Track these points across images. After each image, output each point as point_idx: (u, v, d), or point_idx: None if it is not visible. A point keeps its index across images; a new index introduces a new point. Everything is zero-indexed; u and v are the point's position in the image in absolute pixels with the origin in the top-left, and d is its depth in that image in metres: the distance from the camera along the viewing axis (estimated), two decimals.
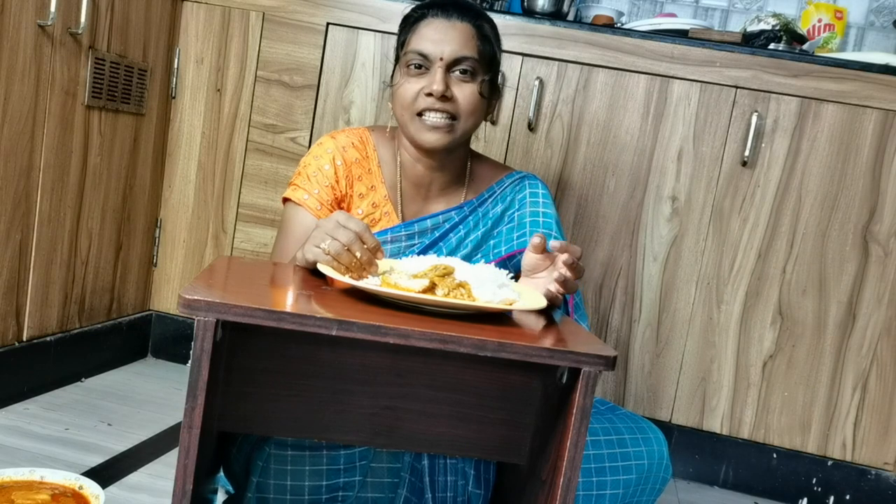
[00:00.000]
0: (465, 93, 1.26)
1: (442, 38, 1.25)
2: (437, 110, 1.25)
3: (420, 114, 1.26)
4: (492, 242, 1.32)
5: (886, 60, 1.84)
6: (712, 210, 1.89)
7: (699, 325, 1.92)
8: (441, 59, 1.24)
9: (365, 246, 0.97)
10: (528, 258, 1.09)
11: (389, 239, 1.28)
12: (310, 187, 1.30)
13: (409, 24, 1.31)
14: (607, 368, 0.81)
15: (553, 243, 1.06)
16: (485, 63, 1.28)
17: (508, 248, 1.29)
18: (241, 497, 1.12)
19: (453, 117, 1.26)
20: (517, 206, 1.35)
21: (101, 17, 1.79)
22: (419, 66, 1.26)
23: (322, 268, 0.95)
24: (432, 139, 1.26)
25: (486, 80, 1.28)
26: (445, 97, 1.24)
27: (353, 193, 1.32)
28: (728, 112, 1.87)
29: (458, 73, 1.26)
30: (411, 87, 1.26)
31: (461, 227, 1.33)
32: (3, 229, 1.60)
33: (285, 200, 1.33)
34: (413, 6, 1.33)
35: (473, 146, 1.39)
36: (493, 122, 1.38)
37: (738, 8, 2.42)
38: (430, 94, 1.24)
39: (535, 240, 1.08)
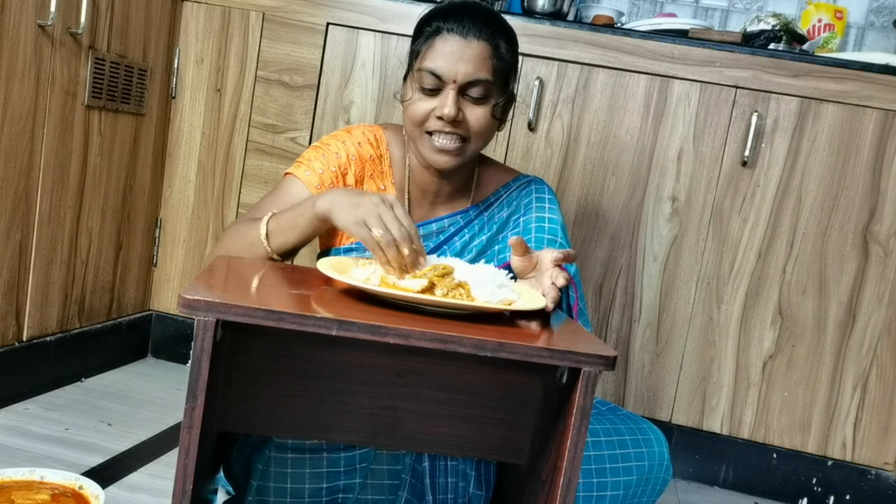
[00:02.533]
0: (476, 115, 1.22)
1: (457, 57, 1.19)
2: (447, 133, 1.21)
3: (429, 133, 1.23)
4: (496, 248, 1.31)
5: (886, 60, 1.84)
6: (712, 210, 1.89)
7: (699, 325, 1.92)
8: (454, 80, 1.19)
9: (413, 246, 0.97)
10: (513, 261, 1.10)
11: None
12: (315, 166, 1.26)
13: (424, 37, 1.24)
14: (607, 368, 0.81)
15: (556, 254, 1.06)
16: (499, 83, 1.24)
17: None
18: (241, 500, 1.12)
19: (463, 139, 1.23)
20: (523, 211, 1.34)
21: (101, 17, 1.79)
22: (432, 85, 1.21)
23: (322, 267, 0.95)
24: (441, 161, 1.23)
25: (499, 103, 1.24)
26: (457, 121, 1.21)
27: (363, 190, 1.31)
28: (728, 112, 1.87)
29: (471, 94, 1.21)
30: (423, 105, 1.22)
31: (466, 230, 1.32)
32: (3, 229, 1.60)
33: (286, 174, 1.29)
34: (429, 12, 1.27)
35: None
36: (499, 131, 1.35)
37: (738, 8, 2.42)
38: (440, 117, 1.20)
39: (512, 240, 1.07)
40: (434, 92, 1.21)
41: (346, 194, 1.06)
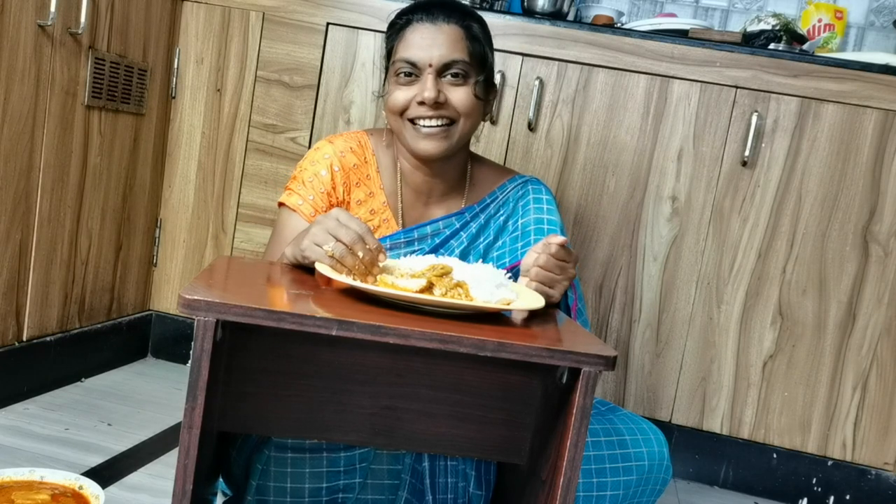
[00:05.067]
0: (459, 95, 1.23)
1: (430, 43, 1.21)
2: (431, 118, 1.21)
3: (413, 122, 1.23)
4: (495, 255, 1.30)
5: (886, 60, 1.84)
6: (712, 210, 1.89)
7: (699, 325, 1.92)
8: (430, 64, 1.21)
9: (367, 247, 0.96)
10: (528, 257, 1.10)
11: (389, 246, 1.26)
12: (305, 193, 1.27)
13: (395, 31, 1.27)
14: (607, 368, 0.81)
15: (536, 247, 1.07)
16: (477, 63, 1.25)
17: (513, 258, 1.27)
18: (240, 500, 1.12)
19: (450, 121, 1.23)
20: (520, 213, 1.33)
21: (101, 17, 1.79)
22: (409, 74, 1.22)
23: (321, 268, 0.95)
24: (430, 147, 1.23)
25: (479, 80, 1.25)
26: (439, 103, 1.21)
27: (351, 200, 1.30)
28: (728, 112, 1.87)
29: (449, 76, 1.22)
30: (402, 94, 1.23)
31: (462, 232, 1.31)
32: (3, 229, 1.60)
33: (280, 205, 1.31)
34: (398, 11, 1.29)
35: (473, 147, 1.38)
36: (493, 122, 1.35)
37: (738, 8, 2.42)
38: (422, 103, 1.21)
39: (537, 249, 1.07)
40: (412, 82, 1.22)
41: (307, 235, 1.04)
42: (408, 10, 1.27)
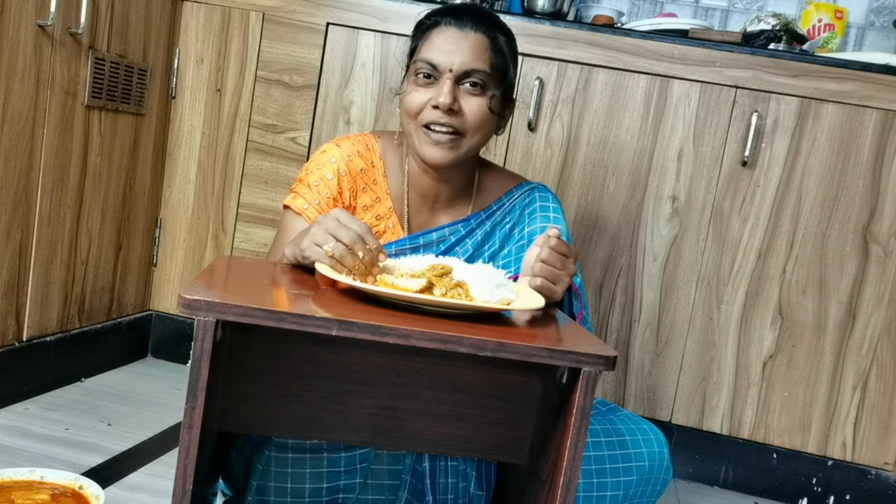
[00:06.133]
0: (472, 107, 1.21)
1: (453, 48, 1.20)
2: (442, 125, 1.20)
3: (426, 126, 1.21)
4: (501, 263, 1.29)
5: (886, 60, 1.84)
6: (712, 210, 1.89)
7: (699, 325, 1.92)
8: (450, 70, 1.19)
9: (367, 247, 0.96)
10: (529, 254, 1.10)
11: (394, 252, 1.24)
12: (310, 197, 1.26)
13: (422, 31, 1.25)
14: (607, 368, 0.81)
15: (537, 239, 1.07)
16: (497, 76, 1.23)
17: (518, 267, 1.25)
18: (241, 500, 1.12)
19: (459, 133, 1.21)
20: (527, 221, 1.32)
21: (101, 17, 1.79)
22: (428, 76, 1.21)
23: (321, 268, 0.95)
24: (436, 155, 1.22)
25: (496, 94, 1.23)
26: (452, 110, 1.19)
27: (358, 205, 1.29)
28: (728, 112, 1.87)
29: (467, 85, 1.20)
30: (418, 97, 1.21)
31: (468, 239, 1.30)
32: (3, 229, 1.60)
33: (285, 207, 1.30)
34: (427, 12, 1.28)
35: None
36: (499, 134, 1.34)
37: (738, 8, 2.42)
38: (436, 107, 1.19)
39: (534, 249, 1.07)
40: (430, 84, 1.21)
41: (307, 235, 1.03)
42: (437, 11, 1.25)
